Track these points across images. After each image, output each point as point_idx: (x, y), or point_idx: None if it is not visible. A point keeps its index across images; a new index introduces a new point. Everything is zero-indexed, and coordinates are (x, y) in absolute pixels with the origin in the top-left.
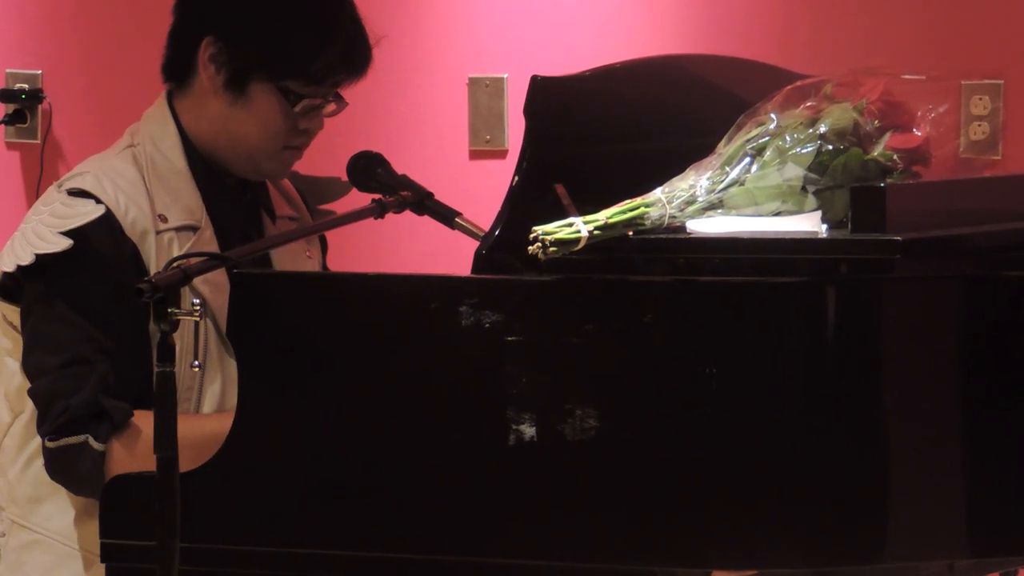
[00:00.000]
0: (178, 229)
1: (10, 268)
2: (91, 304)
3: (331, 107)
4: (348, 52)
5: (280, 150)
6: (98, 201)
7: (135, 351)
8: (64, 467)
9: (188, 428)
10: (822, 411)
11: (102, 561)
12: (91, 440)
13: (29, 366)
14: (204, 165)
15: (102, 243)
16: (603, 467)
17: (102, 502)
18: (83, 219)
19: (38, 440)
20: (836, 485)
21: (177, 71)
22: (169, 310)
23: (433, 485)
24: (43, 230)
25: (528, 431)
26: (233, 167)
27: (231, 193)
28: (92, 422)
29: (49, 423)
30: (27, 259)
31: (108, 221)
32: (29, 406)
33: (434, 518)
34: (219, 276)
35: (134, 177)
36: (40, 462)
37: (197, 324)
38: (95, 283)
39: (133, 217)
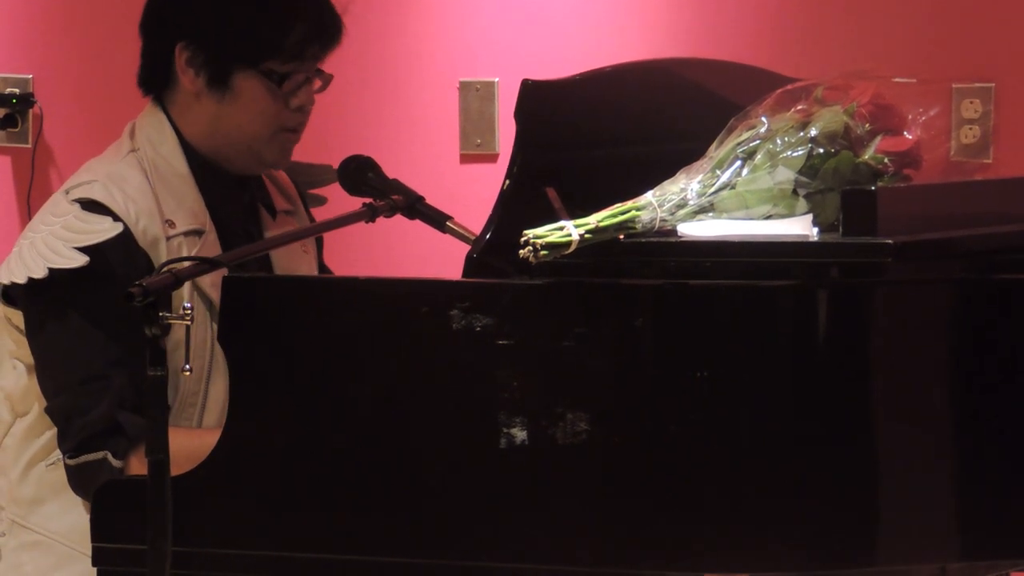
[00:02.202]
0: (186, 234)
1: (20, 279)
2: (106, 320)
3: (317, 83)
4: (317, 21)
5: (276, 132)
6: (116, 218)
7: None
8: (85, 483)
9: (181, 442)
10: (813, 415)
11: (93, 565)
12: (110, 457)
13: (46, 384)
14: (203, 166)
15: (118, 261)
16: (594, 471)
17: (93, 505)
18: (100, 236)
19: (40, 441)
20: (827, 489)
21: (157, 84)
22: (160, 314)
23: (424, 489)
24: (57, 244)
25: (519, 435)
26: (235, 164)
27: (231, 193)
28: (110, 438)
29: (69, 440)
30: (40, 272)
31: (125, 238)
32: (34, 408)
33: (425, 522)
34: None
35: (141, 183)
36: (43, 464)
37: (188, 328)
38: (110, 299)
39: (144, 226)
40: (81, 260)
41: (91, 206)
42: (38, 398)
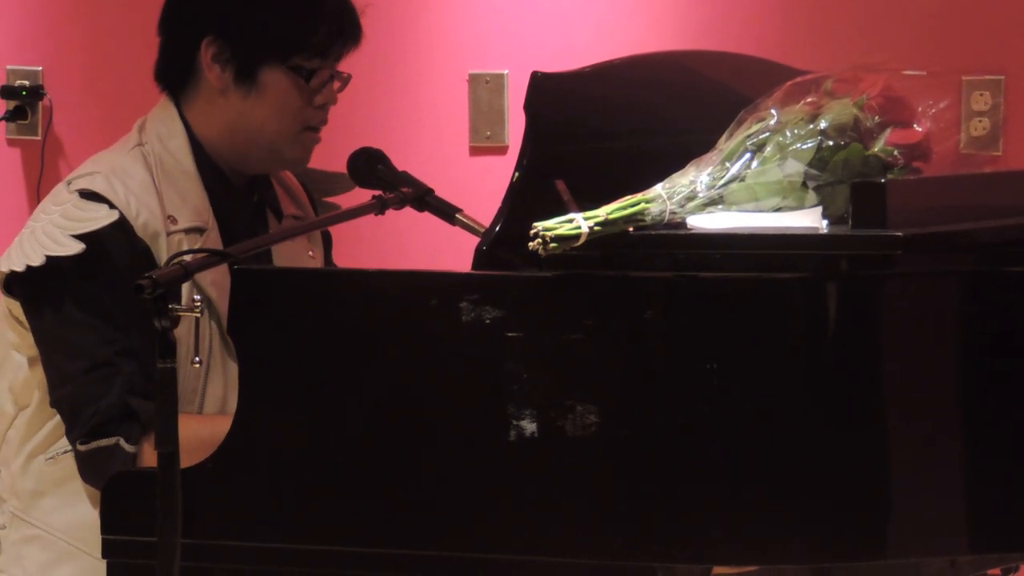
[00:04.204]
0: (187, 231)
1: (19, 267)
2: (106, 308)
3: (337, 83)
4: (341, 21)
5: (299, 131)
6: (112, 206)
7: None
8: (97, 470)
9: (192, 428)
10: (823, 407)
11: (103, 557)
12: (122, 442)
13: (51, 374)
14: (211, 166)
15: (115, 247)
16: (603, 463)
17: (103, 498)
18: (96, 224)
19: (41, 434)
20: (837, 481)
21: (176, 78)
22: (170, 306)
23: (433, 481)
24: (54, 231)
25: (528, 427)
26: (253, 163)
27: (238, 194)
28: (122, 424)
29: (79, 428)
30: (37, 260)
31: (121, 226)
32: (34, 400)
33: (433, 514)
34: (224, 278)
35: (144, 178)
36: (42, 457)
37: (198, 320)
38: (109, 287)
39: (144, 220)
40: (77, 247)
41: (90, 196)
42: (38, 389)
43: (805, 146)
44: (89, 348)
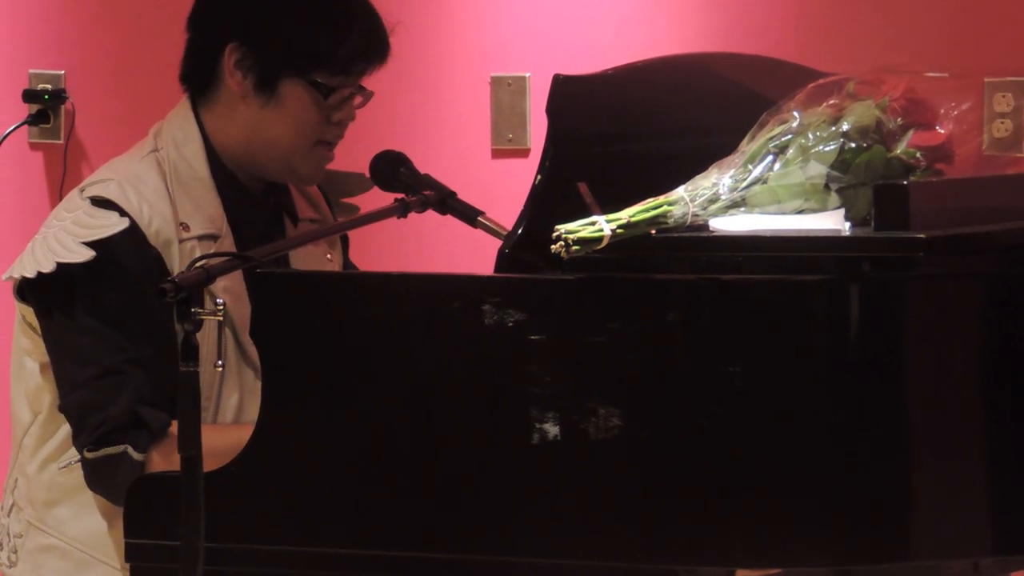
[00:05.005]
0: (200, 238)
1: (31, 274)
2: (117, 315)
3: (358, 99)
4: (367, 37)
5: (313, 147)
6: (123, 213)
7: (167, 360)
8: (104, 478)
9: (211, 438)
10: (845, 409)
11: (126, 560)
12: (130, 450)
13: (60, 380)
14: (226, 172)
15: (126, 255)
16: (626, 466)
17: (127, 502)
18: (107, 231)
19: (54, 442)
20: (859, 483)
21: (199, 81)
22: (192, 309)
23: (455, 484)
24: (66, 238)
25: (551, 430)
26: (267, 172)
27: (253, 199)
28: (131, 432)
29: (87, 435)
30: (48, 267)
31: (132, 233)
32: (46, 405)
33: (457, 517)
34: (238, 285)
35: (157, 185)
36: (55, 465)
37: (220, 324)
38: (120, 294)
39: (157, 227)
40: (88, 254)
41: (102, 203)
42: (48, 393)
43: (827, 148)
44: (99, 355)
